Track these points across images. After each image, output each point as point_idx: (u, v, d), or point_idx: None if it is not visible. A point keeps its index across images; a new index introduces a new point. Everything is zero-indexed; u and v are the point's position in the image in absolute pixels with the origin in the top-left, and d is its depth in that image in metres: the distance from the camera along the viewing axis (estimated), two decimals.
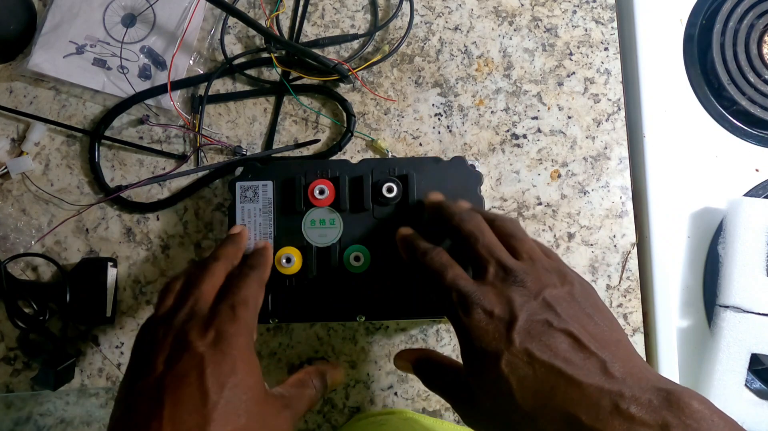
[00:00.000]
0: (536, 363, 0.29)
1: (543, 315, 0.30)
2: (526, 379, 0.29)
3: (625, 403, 0.26)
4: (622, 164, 0.49)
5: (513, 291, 0.31)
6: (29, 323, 0.46)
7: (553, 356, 0.29)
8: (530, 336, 0.29)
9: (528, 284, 0.31)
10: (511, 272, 0.32)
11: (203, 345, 0.31)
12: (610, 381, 0.27)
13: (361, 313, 0.43)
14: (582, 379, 0.28)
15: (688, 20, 0.52)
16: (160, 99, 0.49)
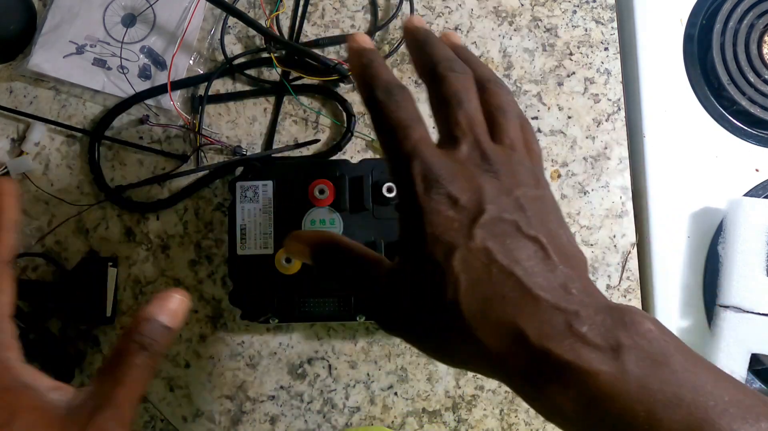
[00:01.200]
0: (494, 266, 0.25)
1: (512, 216, 0.26)
2: (478, 282, 0.25)
3: (579, 323, 0.24)
4: (622, 164, 0.49)
5: (485, 180, 0.26)
6: (29, 323, 0.46)
7: (514, 262, 0.25)
8: (494, 235, 0.25)
9: (502, 177, 0.27)
10: (487, 158, 0.27)
11: None
12: (568, 299, 0.24)
13: (361, 313, 0.43)
14: (539, 293, 0.24)
15: (688, 20, 0.52)
16: (160, 99, 0.49)
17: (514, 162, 0.28)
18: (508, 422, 0.46)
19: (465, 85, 0.29)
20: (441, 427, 0.46)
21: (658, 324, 0.24)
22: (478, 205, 0.26)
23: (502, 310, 0.24)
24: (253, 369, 0.47)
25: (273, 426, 0.46)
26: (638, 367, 0.23)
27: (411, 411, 0.46)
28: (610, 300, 0.26)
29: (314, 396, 0.47)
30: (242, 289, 0.43)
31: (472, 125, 0.28)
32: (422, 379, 0.47)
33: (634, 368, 0.23)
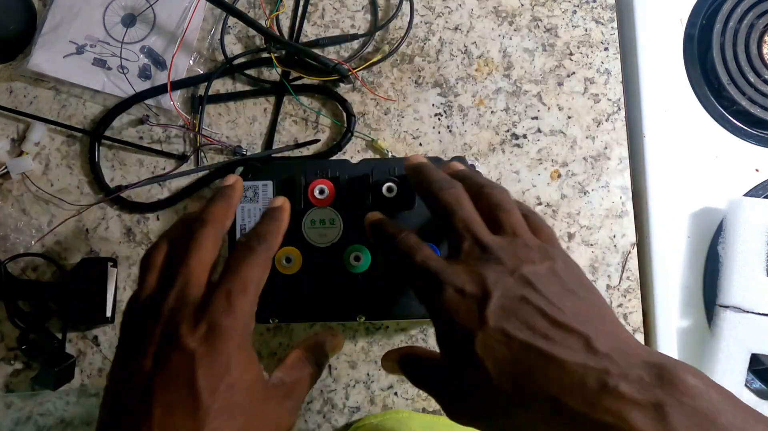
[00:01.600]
0: (513, 343, 0.26)
1: (519, 292, 0.27)
2: (502, 361, 0.26)
3: (613, 380, 0.24)
4: (622, 164, 0.49)
5: (487, 268, 0.28)
6: (29, 323, 0.46)
7: (531, 335, 0.26)
8: (506, 315, 0.27)
9: (504, 260, 0.29)
10: (486, 248, 0.29)
11: (194, 341, 0.28)
12: (595, 358, 0.25)
13: (361, 313, 0.43)
14: (564, 358, 0.25)
15: (688, 20, 0.52)
16: (160, 99, 0.49)
17: (518, 245, 0.30)
18: None
19: (455, 195, 0.32)
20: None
21: (703, 378, 0.24)
22: (483, 291, 0.28)
23: (536, 384, 0.25)
24: None
25: None
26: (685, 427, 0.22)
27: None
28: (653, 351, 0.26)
29: (314, 396, 0.47)
30: None
31: (468, 225, 0.30)
32: None
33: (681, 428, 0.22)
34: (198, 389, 0.27)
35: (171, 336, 0.28)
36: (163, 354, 0.28)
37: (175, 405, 0.27)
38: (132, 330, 0.30)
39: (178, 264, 0.31)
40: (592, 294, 0.29)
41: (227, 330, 0.28)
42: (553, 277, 0.28)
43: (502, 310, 0.27)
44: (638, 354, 0.25)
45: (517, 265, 0.28)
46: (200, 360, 0.28)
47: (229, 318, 0.29)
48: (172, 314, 0.29)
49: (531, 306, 0.27)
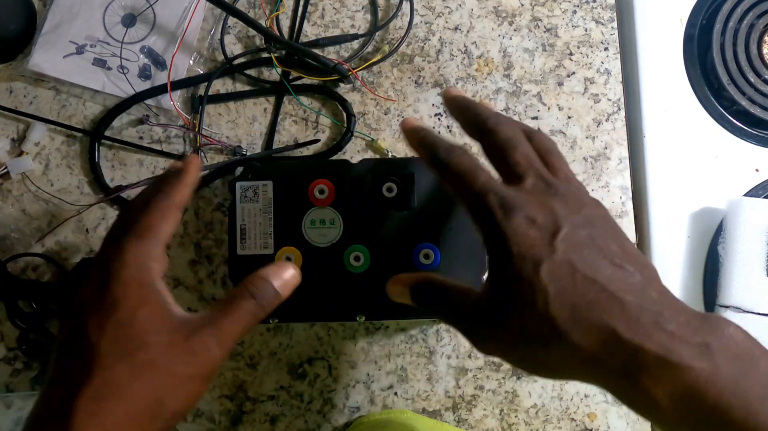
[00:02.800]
0: (578, 275, 0.27)
1: (586, 230, 0.28)
2: (565, 290, 0.27)
3: (665, 321, 0.26)
4: (622, 164, 0.49)
5: (555, 202, 0.29)
6: (29, 323, 0.46)
7: (595, 271, 0.27)
8: (574, 248, 0.28)
9: (569, 199, 0.29)
10: (551, 185, 0.30)
11: (87, 291, 0.30)
12: (650, 300, 0.27)
13: (361, 313, 0.43)
14: (623, 296, 0.26)
15: (688, 20, 0.52)
16: (160, 99, 0.49)
17: (574, 189, 0.31)
18: (508, 422, 0.46)
19: (515, 131, 0.32)
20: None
21: (742, 330, 0.26)
22: (554, 223, 0.28)
23: (592, 313, 0.27)
24: (253, 369, 0.47)
25: (273, 426, 0.46)
26: (729, 366, 0.25)
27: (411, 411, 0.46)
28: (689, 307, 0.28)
29: (314, 396, 0.47)
30: None
31: (531, 161, 0.31)
32: (422, 379, 0.47)
33: (726, 366, 0.25)
34: (87, 329, 0.28)
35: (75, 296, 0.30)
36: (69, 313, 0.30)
37: (69, 350, 0.29)
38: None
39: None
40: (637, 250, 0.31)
41: (114, 273, 0.30)
42: (608, 224, 0.30)
43: (570, 243, 0.28)
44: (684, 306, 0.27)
45: (580, 206, 0.29)
46: (89, 307, 0.29)
47: (117, 262, 0.30)
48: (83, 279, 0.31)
49: (595, 244, 0.28)
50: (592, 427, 0.46)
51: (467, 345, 0.47)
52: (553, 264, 0.27)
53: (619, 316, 0.26)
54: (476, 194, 0.29)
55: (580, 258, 0.27)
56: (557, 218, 0.28)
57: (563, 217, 0.28)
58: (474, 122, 0.33)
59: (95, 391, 0.27)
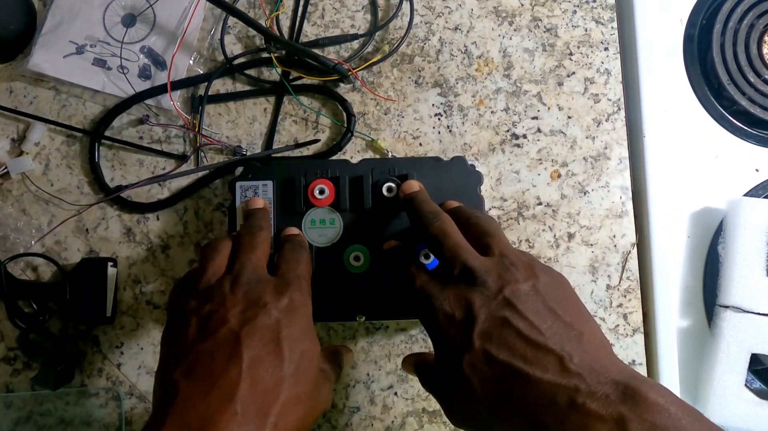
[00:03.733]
0: (494, 363, 0.29)
1: (501, 313, 0.30)
2: (486, 379, 0.29)
3: (581, 398, 0.27)
4: (622, 164, 0.49)
5: (473, 292, 0.32)
6: (29, 323, 0.46)
7: (510, 355, 0.29)
8: (489, 337, 0.30)
9: (489, 283, 0.32)
10: (473, 273, 0.32)
11: (277, 309, 0.32)
12: (567, 376, 0.28)
13: (361, 313, 0.43)
14: (539, 376, 0.28)
15: (688, 20, 0.52)
16: (160, 99, 0.49)
17: (504, 265, 0.33)
18: None
19: (441, 227, 0.35)
20: (441, 427, 0.46)
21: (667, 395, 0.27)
22: (470, 316, 0.31)
23: (514, 400, 0.28)
24: None
25: None
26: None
27: (411, 411, 0.46)
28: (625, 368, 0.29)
29: None
30: None
31: (456, 253, 0.34)
32: None
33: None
34: (283, 348, 0.31)
35: (257, 301, 0.33)
36: (248, 313, 0.32)
37: (262, 357, 0.31)
38: (202, 295, 0.34)
39: (248, 251, 0.36)
40: (574, 309, 0.32)
41: (302, 305, 0.34)
42: (536, 296, 0.31)
43: (485, 333, 0.30)
44: (608, 372, 0.28)
45: (502, 287, 0.31)
46: (284, 324, 0.32)
47: (303, 296, 0.35)
48: (252, 283, 0.34)
49: (511, 328, 0.30)
50: None
51: None
52: (471, 357, 0.30)
53: (536, 399, 0.28)
54: (414, 295, 0.35)
55: (495, 346, 0.30)
56: (473, 310, 0.31)
57: (479, 308, 0.31)
58: (416, 223, 0.38)
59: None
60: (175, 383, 0.30)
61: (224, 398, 0.29)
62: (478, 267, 0.32)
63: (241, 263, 0.35)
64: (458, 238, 0.35)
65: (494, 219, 0.37)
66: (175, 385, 0.30)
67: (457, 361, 0.30)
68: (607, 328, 0.47)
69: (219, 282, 0.34)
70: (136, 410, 0.47)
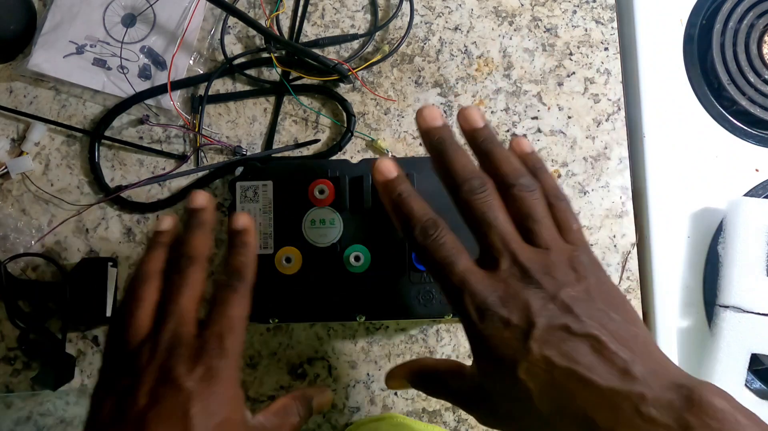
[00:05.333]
0: (555, 370, 0.28)
1: (562, 320, 0.29)
2: (545, 385, 0.28)
3: (646, 406, 0.26)
4: (622, 164, 0.49)
5: (530, 294, 0.29)
6: (29, 323, 0.46)
7: (572, 361, 0.28)
8: (549, 343, 0.28)
9: (545, 285, 0.29)
10: (526, 272, 0.30)
11: (191, 380, 0.29)
12: (631, 382, 0.27)
13: (361, 313, 0.43)
14: (602, 383, 0.27)
15: (688, 20, 0.52)
16: (160, 99, 0.49)
17: (553, 263, 0.30)
18: None
19: (489, 204, 0.31)
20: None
21: (731, 401, 0.26)
22: (528, 320, 0.28)
23: (574, 406, 0.27)
24: (253, 369, 0.47)
25: None
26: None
27: (411, 411, 0.46)
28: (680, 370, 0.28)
29: None
30: None
31: (506, 243, 0.30)
32: None
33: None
34: (192, 427, 0.28)
35: (167, 375, 0.29)
36: (158, 391, 0.29)
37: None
38: (122, 363, 0.31)
39: (172, 301, 0.32)
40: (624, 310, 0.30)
41: (221, 371, 0.30)
42: (590, 300, 0.29)
43: (545, 339, 0.28)
44: (669, 376, 0.27)
45: (557, 290, 0.29)
46: (196, 399, 0.29)
47: (222, 359, 0.30)
48: (167, 353, 0.30)
49: (573, 335, 0.28)
50: None
51: (467, 346, 0.47)
52: (530, 365, 0.28)
53: (598, 405, 0.27)
54: (453, 288, 0.30)
55: (556, 353, 0.28)
56: (530, 314, 0.29)
57: (537, 311, 0.29)
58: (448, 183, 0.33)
59: None
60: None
61: None
62: (531, 265, 0.30)
63: (163, 320, 0.31)
64: (507, 223, 0.31)
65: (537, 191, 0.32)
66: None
67: (511, 367, 0.28)
68: None
69: (138, 349, 0.31)
70: None
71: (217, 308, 0.32)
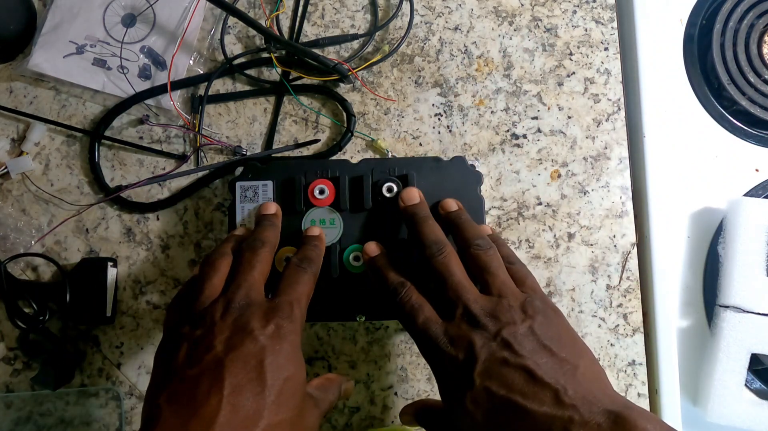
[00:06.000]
0: (495, 399, 0.31)
1: (501, 354, 0.32)
2: (488, 413, 0.31)
3: (575, 428, 0.28)
4: (622, 164, 0.49)
5: (474, 334, 0.33)
6: (29, 323, 0.46)
7: (509, 391, 0.31)
8: (489, 376, 0.32)
9: (489, 326, 0.34)
10: (474, 317, 0.34)
11: (264, 335, 0.33)
12: (562, 408, 0.30)
13: (361, 313, 0.43)
14: (535, 409, 0.30)
15: (688, 20, 0.52)
16: (160, 99, 0.49)
17: (502, 308, 0.34)
18: None
19: (445, 263, 0.37)
20: None
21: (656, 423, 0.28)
22: (472, 356, 0.33)
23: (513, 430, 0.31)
24: None
25: None
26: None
27: None
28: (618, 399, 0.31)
29: None
30: None
31: (459, 293, 0.35)
32: (422, 379, 0.47)
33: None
34: (265, 374, 0.32)
35: (243, 327, 0.33)
36: (234, 340, 0.33)
37: (244, 384, 0.31)
38: (195, 318, 0.35)
39: (245, 271, 0.37)
40: (569, 345, 0.34)
41: (290, 332, 0.34)
42: (532, 336, 0.33)
43: (486, 372, 0.32)
44: (600, 402, 0.30)
45: (500, 329, 0.33)
46: (268, 351, 0.33)
47: (292, 323, 0.35)
48: (241, 310, 0.34)
49: (509, 367, 0.32)
50: None
51: None
52: (474, 394, 0.32)
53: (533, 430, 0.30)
54: (416, 334, 0.36)
55: (495, 384, 0.32)
56: (474, 351, 0.33)
57: (479, 349, 0.33)
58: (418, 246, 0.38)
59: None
60: (159, 408, 0.31)
61: (203, 425, 0.29)
62: (479, 311, 0.34)
63: (237, 285, 0.36)
64: (461, 277, 0.36)
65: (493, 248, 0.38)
66: (158, 410, 0.31)
67: (460, 397, 0.32)
68: (607, 328, 0.47)
69: (212, 306, 0.35)
70: (136, 410, 0.47)
71: (288, 281, 0.37)
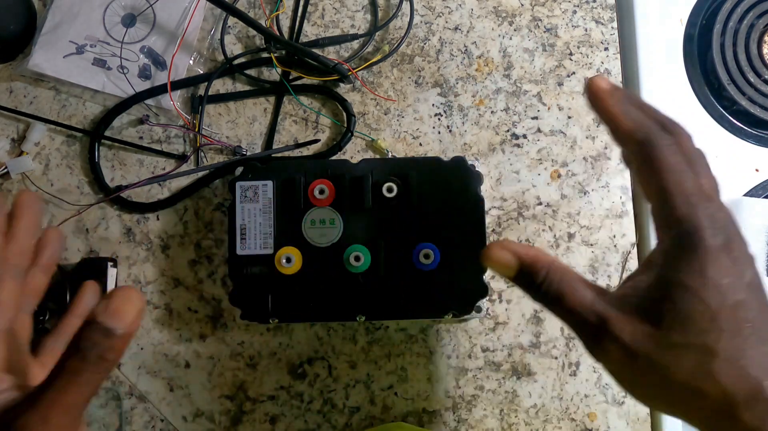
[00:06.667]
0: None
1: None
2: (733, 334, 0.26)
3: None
4: (622, 164, 0.49)
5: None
6: None
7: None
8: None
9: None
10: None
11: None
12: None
13: (361, 313, 0.43)
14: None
15: (688, 20, 0.52)
16: (160, 99, 0.49)
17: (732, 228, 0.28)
18: (508, 422, 0.46)
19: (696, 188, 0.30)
20: (441, 427, 0.46)
21: None
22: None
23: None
24: (253, 369, 0.47)
25: (273, 426, 0.46)
26: None
27: (411, 411, 0.46)
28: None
29: (314, 396, 0.47)
30: (242, 289, 0.43)
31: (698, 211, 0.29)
32: (422, 379, 0.47)
33: None
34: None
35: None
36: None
37: None
38: None
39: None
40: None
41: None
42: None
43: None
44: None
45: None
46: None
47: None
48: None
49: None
50: (592, 427, 0.46)
51: (467, 345, 0.47)
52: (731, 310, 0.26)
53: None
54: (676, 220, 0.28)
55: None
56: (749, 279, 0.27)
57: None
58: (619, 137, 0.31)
59: None
60: None
61: None
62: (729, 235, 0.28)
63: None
64: (697, 184, 0.30)
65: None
66: None
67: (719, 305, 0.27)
68: None
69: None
70: (136, 410, 0.47)
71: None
